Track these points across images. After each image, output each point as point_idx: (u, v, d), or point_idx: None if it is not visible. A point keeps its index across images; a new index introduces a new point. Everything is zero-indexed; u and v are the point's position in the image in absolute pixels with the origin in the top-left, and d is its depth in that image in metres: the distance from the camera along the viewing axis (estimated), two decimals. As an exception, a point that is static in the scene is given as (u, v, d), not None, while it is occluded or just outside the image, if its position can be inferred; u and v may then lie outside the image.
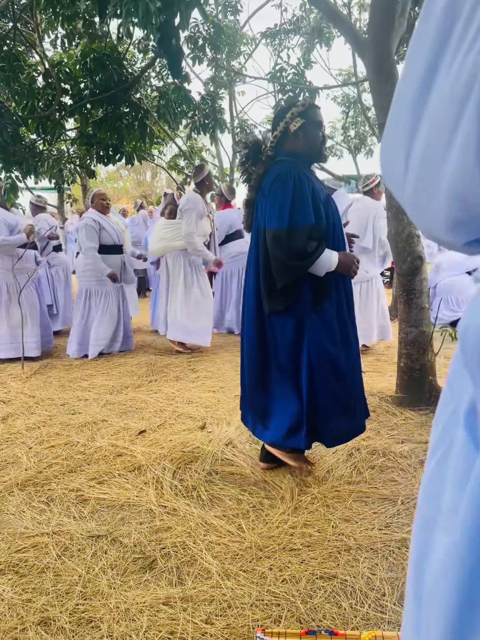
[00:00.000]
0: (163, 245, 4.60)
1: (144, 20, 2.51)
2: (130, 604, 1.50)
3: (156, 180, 28.33)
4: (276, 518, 1.95)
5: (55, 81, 4.34)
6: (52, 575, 1.63)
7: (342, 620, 1.44)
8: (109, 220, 4.57)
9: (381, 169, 0.56)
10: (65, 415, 3.05)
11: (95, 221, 4.42)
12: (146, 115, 4.62)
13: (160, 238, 4.60)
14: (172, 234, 4.53)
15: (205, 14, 3.05)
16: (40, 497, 2.11)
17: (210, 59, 6.23)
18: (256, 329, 2.17)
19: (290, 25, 7.21)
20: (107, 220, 4.53)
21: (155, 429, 2.83)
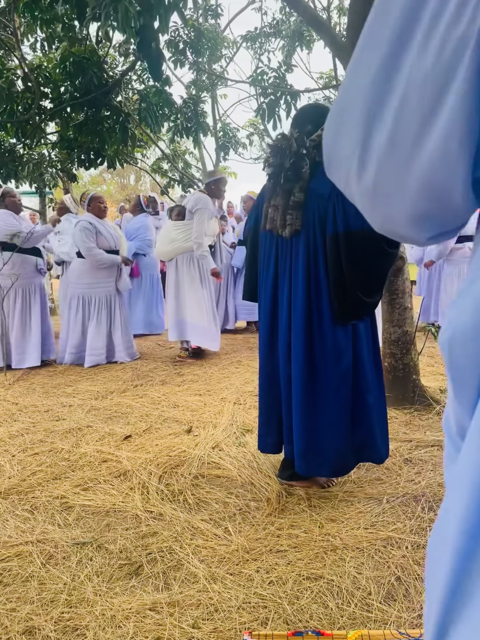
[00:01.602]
0: (175, 246, 4.49)
1: (123, 23, 2.51)
2: (116, 610, 1.49)
3: (140, 184, 28.21)
4: (263, 520, 1.95)
5: (35, 85, 4.30)
6: (36, 583, 1.61)
7: (328, 620, 1.44)
8: (106, 225, 4.48)
9: (325, 157, 0.50)
10: (49, 421, 3.02)
11: (92, 224, 4.32)
12: (127, 119, 4.61)
13: (172, 240, 4.49)
14: (184, 235, 4.45)
15: (184, 17, 3.05)
16: (24, 505, 2.09)
17: (192, 63, 6.24)
18: (307, 347, 1.96)
19: (271, 28, 7.25)
20: (103, 224, 4.44)
21: (141, 433, 2.82)
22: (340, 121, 0.46)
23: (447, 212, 0.42)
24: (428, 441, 2.64)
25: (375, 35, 0.42)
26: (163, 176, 9.26)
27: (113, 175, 27.47)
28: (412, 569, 1.65)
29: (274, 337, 2.11)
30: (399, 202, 0.43)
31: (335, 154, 0.48)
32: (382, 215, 0.46)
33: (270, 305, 2.10)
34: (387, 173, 0.42)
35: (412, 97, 0.39)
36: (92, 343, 4.38)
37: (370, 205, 0.47)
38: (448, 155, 0.38)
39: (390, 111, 0.40)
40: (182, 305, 4.55)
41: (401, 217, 0.44)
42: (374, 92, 0.41)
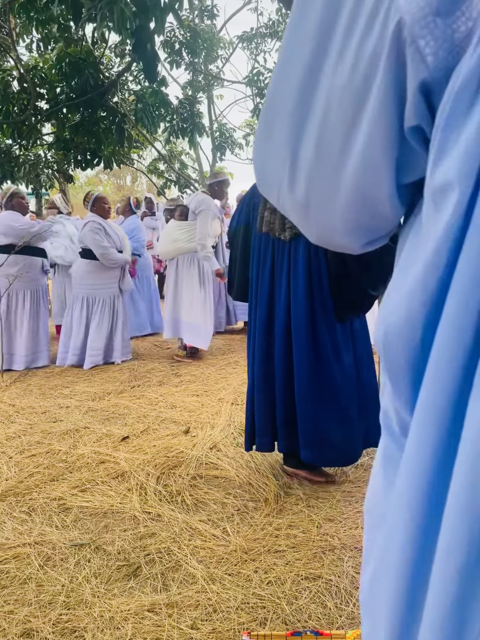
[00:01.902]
0: (178, 246, 4.51)
1: (119, 24, 2.51)
2: (115, 612, 1.49)
3: (136, 185, 28.20)
4: (261, 520, 1.95)
5: (31, 86, 4.29)
6: (34, 585, 1.61)
7: (327, 620, 1.45)
8: (112, 226, 4.47)
9: (256, 174, 0.50)
10: (47, 423, 3.01)
11: (101, 224, 4.30)
12: (124, 119, 4.60)
13: (175, 240, 4.51)
14: (187, 235, 4.46)
15: (180, 19, 3.05)
16: (22, 507, 2.08)
17: (188, 63, 6.24)
18: (310, 345, 2.02)
19: (267, 29, 7.27)
20: (109, 225, 4.43)
21: (139, 434, 2.81)
22: (268, 137, 0.46)
23: (377, 219, 0.43)
24: (425, 440, 2.64)
25: (294, 49, 0.42)
26: (159, 177, 9.27)
27: (109, 176, 27.44)
28: (410, 568, 1.65)
29: (271, 337, 2.13)
30: (331, 212, 0.43)
31: (266, 170, 0.48)
32: (316, 226, 0.47)
33: (266, 306, 2.13)
34: (317, 184, 0.42)
35: (333, 110, 0.39)
36: (92, 343, 4.35)
37: (304, 218, 0.47)
38: (372, 164, 0.38)
39: (315, 124, 0.40)
40: (178, 304, 4.59)
41: (334, 227, 0.45)
42: (297, 106, 0.42)
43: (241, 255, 2.37)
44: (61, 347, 4.44)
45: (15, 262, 4.23)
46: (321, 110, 0.40)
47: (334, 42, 0.38)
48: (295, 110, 0.42)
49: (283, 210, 0.50)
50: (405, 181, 0.40)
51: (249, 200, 2.29)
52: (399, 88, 0.35)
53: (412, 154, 0.38)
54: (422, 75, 0.34)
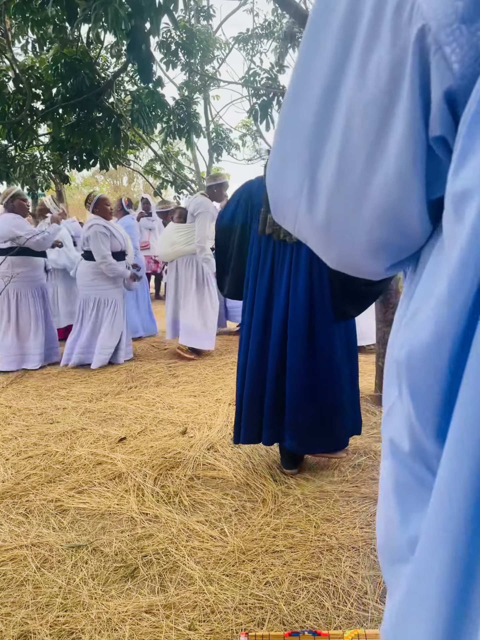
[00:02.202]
0: (176, 249, 4.53)
1: (114, 25, 2.50)
2: (112, 613, 1.48)
3: (133, 185, 28.17)
4: (258, 521, 1.95)
5: (26, 86, 4.28)
6: (31, 587, 1.60)
7: (325, 620, 1.45)
8: (115, 226, 4.47)
9: (271, 200, 0.49)
10: (43, 424, 3.01)
11: (106, 227, 4.29)
12: (120, 120, 4.60)
13: (173, 242, 4.53)
14: (185, 237, 4.48)
15: (175, 20, 3.05)
16: (19, 509, 2.07)
17: (184, 64, 6.23)
18: (307, 343, 2.11)
19: (263, 30, 7.27)
20: (113, 226, 4.42)
21: (136, 435, 2.81)
22: (284, 161, 0.45)
23: (404, 238, 0.42)
24: (422, 440, 2.65)
25: (310, 69, 0.41)
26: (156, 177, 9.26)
27: (105, 176, 27.40)
28: (407, 568, 1.65)
29: (267, 334, 2.20)
30: (355, 233, 0.42)
31: (281, 195, 0.47)
32: (338, 249, 0.45)
33: (264, 305, 2.19)
34: (339, 206, 0.41)
35: (355, 127, 0.38)
36: (104, 343, 4.34)
37: (325, 242, 0.46)
38: (402, 180, 0.37)
39: (335, 143, 0.39)
40: (178, 306, 4.62)
41: (358, 249, 0.43)
42: (315, 126, 0.41)
43: (237, 255, 2.38)
44: (67, 348, 4.43)
45: (21, 263, 4.27)
46: (342, 128, 0.39)
47: (353, 56, 0.37)
48: (313, 131, 0.41)
49: (300, 236, 0.48)
50: (433, 196, 0.39)
51: (246, 198, 2.28)
52: (425, 98, 0.35)
53: (439, 166, 0.37)
54: (448, 83, 0.33)
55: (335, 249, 0.46)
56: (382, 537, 0.45)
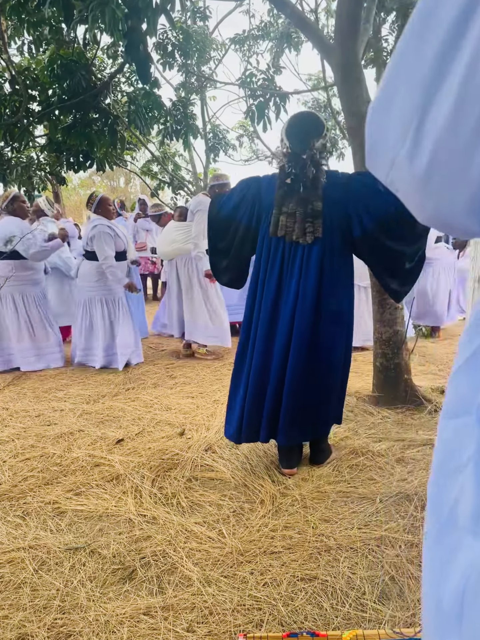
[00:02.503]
0: (175, 247, 4.55)
1: (111, 26, 2.50)
2: (110, 615, 1.48)
3: (130, 186, 28.15)
4: (257, 522, 1.94)
5: (22, 88, 4.28)
6: (29, 590, 1.60)
7: (323, 621, 1.44)
8: (118, 226, 4.47)
9: (368, 144, 0.46)
10: (41, 426, 3.00)
11: (110, 228, 4.28)
12: (116, 121, 4.59)
13: (172, 240, 4.55)
14: (185, 236, 4.49)
15: (172, 20, 3.05)
16: (16, 511, 2.07)
17: (181, 65, 6.23)
18: (311, 339, 2.16)
19: (259, 31, 7.27)
20: (116, 226, 4.42)
21: (134, 437, 2.80)
22: (390, 101, 0.42)
23: None
24: (420, 440, 2.65)
25: (432, 13, 0.38)
26: (153, 178, 9.25)
27: (102, 177, 27.36)
28: (405, 568, 1.66)
29: (272, 335, 2.22)
30: (458, 191, 0.39)
31: (381, 140, 0.43)
32: (435, 203, 0.42)
33: (270, 308, 2.21)
34: (445, 155, 0.38)
35: (477, 76, 0.35)
36: (124, 341, 4.32)
37: (421, 194, 0.42)
38: None
39: (453, 86, 0.36)
40: (182, 305, 4.66)
41: (457, 206, 0.40)
42: (432, 73, 0.38)
43: (236, 251, 2.37)
44: (78, 350, 4.41)
45: (26, 266, 4.30)
46: (465, 66, 0.35)
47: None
48: (431, 68, 0.38)
49: (391, 185, 0.45)
50: None
51: (254, 196, 2.24)
52: None
53: None
54: None
55: (432, 203, 0.42)
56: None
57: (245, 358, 2.31)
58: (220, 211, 2.36)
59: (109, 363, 4.36)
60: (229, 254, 2.41)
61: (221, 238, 2.40)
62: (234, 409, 2.35)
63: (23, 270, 4.28)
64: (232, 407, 2.37)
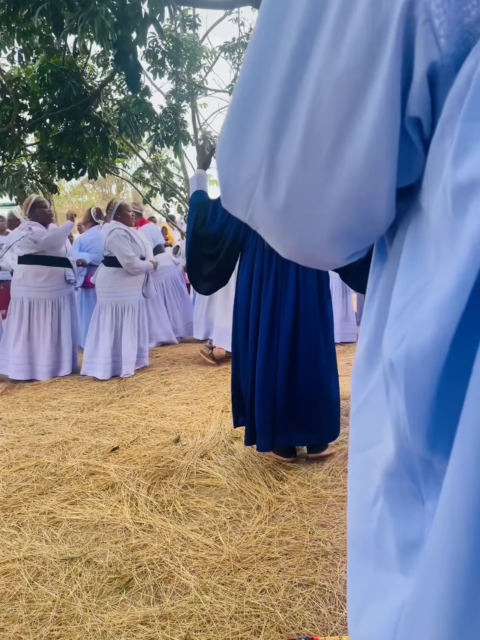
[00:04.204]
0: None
1: (100, 36, 2.51)
2: (107, 625, 1.47)
3: (122, 193, 28.15)
4: (253, 528, 1.94)
5: (13, 97, 4.28)
6: (24, 601, 1.58)
7: (321, 626, 1.44)
8: (136, 233, 4.48)
9: (221, 185, 0.45)
10: (35, 435, 2.98)
11: (127, 232, 4.30)
12: (107, 129, 4.60)
13: None
14: None
15: (161, 30, 3.07)
16: (10, 522, 2.05)
17: (171, 73, 6.26)
18: (320, 337, 2.33)
19: (248, 39, 7.32)
20: (134, 232, 4.43)
21: (129, 445, 2.79)
22: (239, 141, 0.40)
23: (368, 225, 0.39)
24: (415, 443, 2.66)
25: (274, 39, 0.37)
26: (145, 185, 9.26)
27: (94, 185, 27.35)
28: (402, 571, 1.66)
29: (272, 342, 2.31)
30: (318, 219, 0.39)
31: (234, 178, 0.42)
32: (295, 238, 0.42)
33: (269, 317, 2.30)
34: (301, 186, 0.37)
35: (325, 102, 0.34)
36: (128, 350, 4.32)
37: (282, 228, 0.42)
38: (374, 162, 0.34)
39: (301, 119, 0.35)
40: (210, 306, 4.75)
41: (319, 236, 0.40)
42: (277, 103, 0.37)
43: (223, 262, 2.40)
44: (87, 357, 4.38)
45: (39, 272, 4.27)
46: (308, 106, 0.35)
47: (326, 23, 0.33)
48: (275, 107, 0.37)
49: (252, 222, 0.45)
50: (402, 184, 0.36)
51: None
52: (406, 73, 0.31)
53: (411, 151, 0.34)
54: (433, 58, 0.30)
55: (293, 237, 0.42)
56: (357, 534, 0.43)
57: (249, 373, 2.38)
58: (209, 230, 2.37)
59: (113, 371, 4.32)
60: (216, 259, 2.41)
61: (212, 257, 2.44)
62: (242, 416, 2.46)
63: (35, 276, 4.26)
64: (242, 413, 2.48)
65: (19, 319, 4.26)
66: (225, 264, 2.40)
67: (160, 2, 2.71)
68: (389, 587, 0.37)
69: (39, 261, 4.25)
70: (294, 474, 2.36)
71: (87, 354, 4.35)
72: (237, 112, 0.41)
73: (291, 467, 2.43)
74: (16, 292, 4.28)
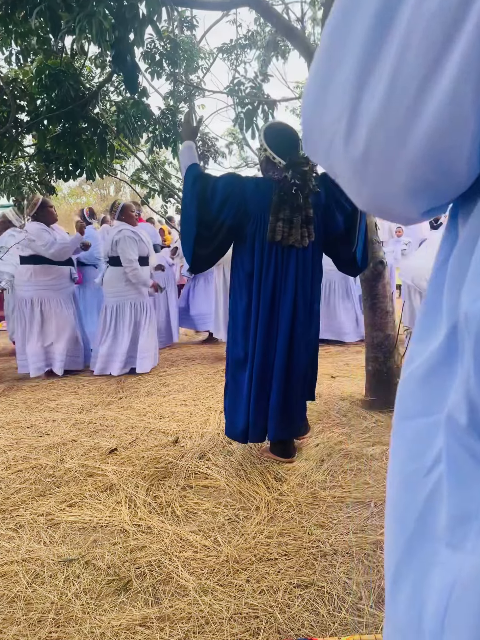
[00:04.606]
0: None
1: (98, 37, 2.51)
2: (106, 627, 1.46)
3: (120, 194, 28.13)
4: (252, 529, 1.94)
5: (10, 98, 4.27)
6: (22, 604, 1.58)
7: (320, 627, 1.44)
8: (142, 232, 4.51)
9: (304, 127, 0.44)
10: (33, 437, 2.97)
11: (135, 233, 4.34)
12: (105, 130, 4.60)
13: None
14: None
15: (159, 31, 3.06)
16: (8, 524, 2.04)
17: (169, 74, 6.26)
18: (311, 333, 2.45)
19: (246, 40, 7.33)
20: (139, 232, 4.45)
21: (127, 446, 2.79)
22: (325, 83, 0.40)
23: (448, 179, 0.37)
24: (413, 443, 2.66)
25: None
26: (143, 186, 9.25)
27: (92, 186, 27.34)
28: (401, 572, 1.65)
29: (271, 335, 2.35)
30: (396, 169, 0.37)
31: (318, 120, 0.42)
32: (372, 186, 0.40)
33: (269, 309, 2.32)
34: (381, 134, 0.37)
35: (414, 44, 0.33)
36: (144, 346, 4.36)
37: (360, 177, 0.40)
38: (459, 107, 0.33)
39: (388, 63, 0.35)
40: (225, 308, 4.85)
41: (396, 187, 0.39)
42: (368, 43, 0.36)
43: (217, 247, 2.34)
44: (100, 357, 4.39)
45: (49, 271, 4.30)
46: (398, 45, 0.34)
47: None
48: (364, 46, 0.36)
49: (331, 170, 0.44)
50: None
51: (239, 199, 2.22)
52: None
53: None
54: None
55: (370, 186, 0.41)
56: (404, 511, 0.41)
57: (245, 359, 2.41)
58: (208, 214, 2.26)
59: (127, 367, 4.39)
60: (213, 253, 2.36)
61: (208, 240, 2.33)
62: (238, 411, 2.46)
63: (42, 276, 4.28)
64: (235, 408, 2.48)
65: (29, 318, 4.27)
66: (219, 248, 2.36)
67: (158, 3, 2.70)
68: (434, 561, 0.36)
69: (46, 260, 4.27)
70: (293, 475, 2.36)
71: (102, 354, 4.35)
72: (326, 50, 0.40)
73: (290, 468, 2.43)
74: (24, 293, 4.29)
